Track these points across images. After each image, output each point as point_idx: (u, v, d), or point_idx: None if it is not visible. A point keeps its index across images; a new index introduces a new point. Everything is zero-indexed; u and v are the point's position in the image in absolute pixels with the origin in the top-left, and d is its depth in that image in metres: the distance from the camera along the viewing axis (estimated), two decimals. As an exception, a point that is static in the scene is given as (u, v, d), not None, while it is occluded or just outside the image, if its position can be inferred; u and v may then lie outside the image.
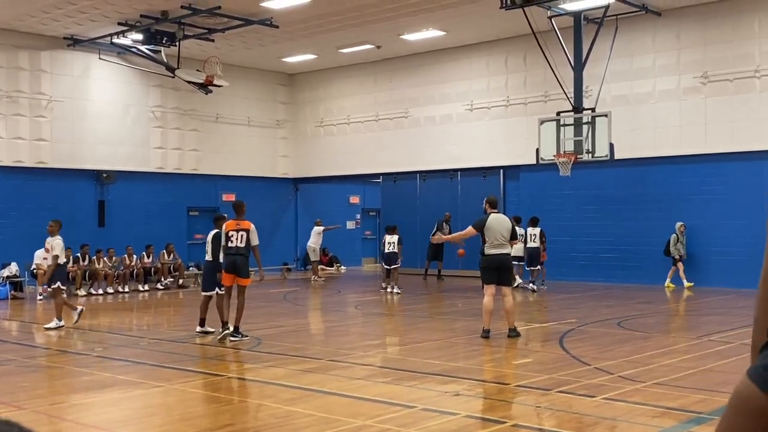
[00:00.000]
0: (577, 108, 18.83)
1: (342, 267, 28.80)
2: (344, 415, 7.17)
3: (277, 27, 20.92)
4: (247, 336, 11.65)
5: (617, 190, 21.51)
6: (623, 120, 19.60)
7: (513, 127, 23.06)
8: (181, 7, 19.40)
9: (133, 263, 21.64)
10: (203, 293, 12.66)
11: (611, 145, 18.13)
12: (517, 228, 13.13)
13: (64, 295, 13.85)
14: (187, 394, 8.40)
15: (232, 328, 11.76)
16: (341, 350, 11.02)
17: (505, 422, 6.84)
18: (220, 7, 19.34)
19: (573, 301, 17.31)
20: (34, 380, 9.00)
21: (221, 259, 12.02)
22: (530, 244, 19.62)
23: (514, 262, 16.37)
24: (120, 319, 15.91)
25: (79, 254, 20.44)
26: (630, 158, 20.15)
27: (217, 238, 12.33)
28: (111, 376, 9.29)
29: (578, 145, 18.43)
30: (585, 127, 18.48)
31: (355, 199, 31.60)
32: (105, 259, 20.92)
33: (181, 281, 22.45)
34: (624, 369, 9.11)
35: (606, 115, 18.25)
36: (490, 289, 11.59)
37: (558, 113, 18.98)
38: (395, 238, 19.92)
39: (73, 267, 19.98)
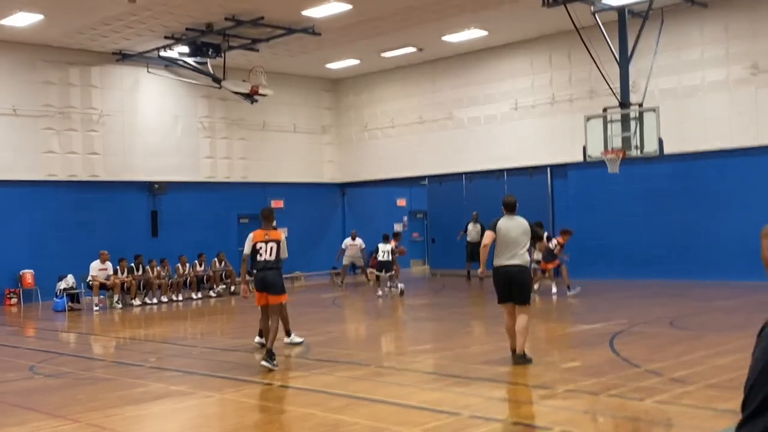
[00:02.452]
0: (624, 103, 18.57)
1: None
2: (392, 423, 7.21)
3: (319, 34, 21.09)
4: (276, 366, 10.00)
5: (667, 185, 21.16)
6: (672, 114, 19.28)
7: (559, 124, 22.85)
8: (225, 18, 19.70)
9: (185, 272, 22.01)
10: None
11: (660, 140, 17.83)
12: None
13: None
14: (238, 404, 8.53)
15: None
16: (390, 356, 11.07)
17: (553, 428, 6.80)
18: (263, 18, 19.58)
19: (624, 301, 17.09)
20: (89, 392, 9.23)
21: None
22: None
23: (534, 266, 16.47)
24: (174, 328, 16.20)
25: (133, 264, 20.86)
26: (679, 153, 19.82)
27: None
28: (164, 386, 9.47)
29: (626, 141, 18.17)
30: (633, 123, 18.22)
31: (401, 202, 31.65)
32: (158, 268, 21.33)
33: (233, 288, 22.75)
34: (675, 370, 8.97)
35: (654, 110, 17.96)
36: (506, 308, 9.87)
37: (604, 109, 18.74)
38: (389, 246, 20.33)
39: (128, 277, 20.43)
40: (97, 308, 19.38)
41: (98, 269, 19.85)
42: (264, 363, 9.92)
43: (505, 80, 24.21)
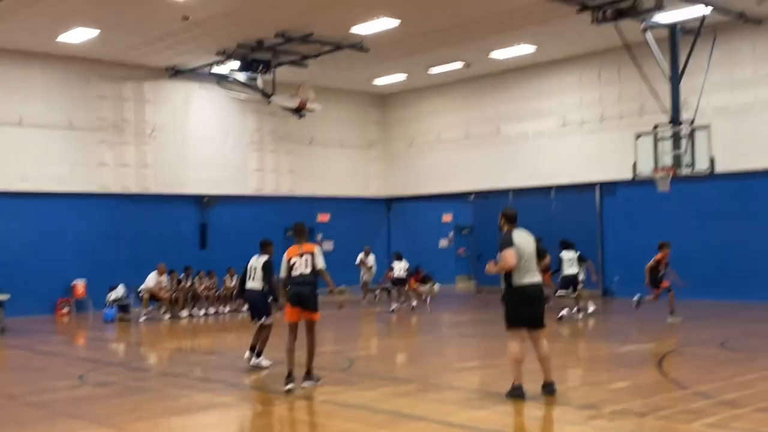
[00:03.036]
0: (675, 121, 18.33)
1: (436, 284, 28.76)
2: (434, 440, 7.17)
3: (367, 50, 21.23)
4: (320, 379, 9.93)
5: (719, 204, 20.75)
6: (724, 132, 18.93)
7: (608, 141, 22.61)
8: (276, 35, 19.96)
9: (233, 284, 22.22)
10: (260, 322, 11.71)
11: (711, 159, 17.55)
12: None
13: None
14: (282, 417, 8.58)
15: (301, 371, 10.02)
16: (433, 373, 11.02)
17: (598, 450, 6.69)
18: (312, 34, 19.79)
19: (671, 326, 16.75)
20: (136, 402, 9.37)
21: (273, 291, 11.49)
22: (568, 271, 17.70)
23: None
24: (219, 340, 16.37)
25: (182, 276, 21.14)
26: (731, 171, 19.44)
27: (268, 265, 11.53)
28: (209, 398, 9.57)
29: (677, 159, 17.93)
30: (684, 141, 17.97)
31: (447, 217, 31.59)
32: (206, 280, 21.59)
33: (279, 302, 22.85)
34: (725, 393, 8.77)
35: (706, 128, 17.70)
36: (519, 334, 8.89)
37: (655, 126, 18.51)
38: (404, 264, 21.30)
39: (177, 288, 20.71)
40: (144, 318, 19.65)
41: (154, 281, 20.17)
42: (306, 384, 9.70)
43: (554, 96, 24.06)
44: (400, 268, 21.29)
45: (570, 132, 23.73)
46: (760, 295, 19.40)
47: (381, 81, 26.30)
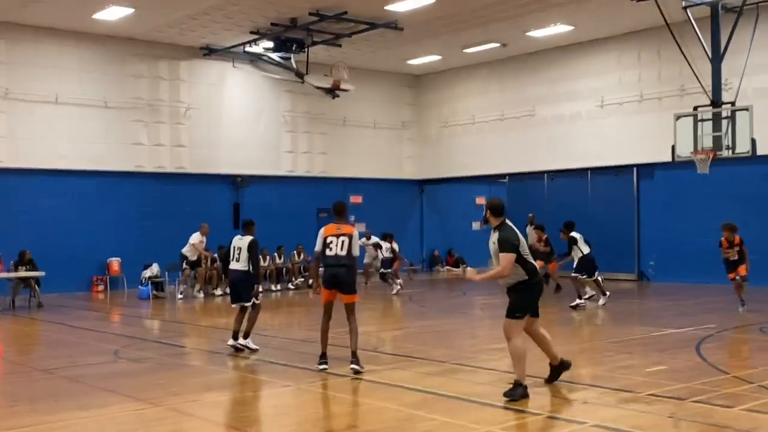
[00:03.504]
0: (716, 102, 17.93)
1: (468, 268, 28.62)
2: (468, 420, 7.10)
3: (401, 29, 21.06)
4: (363, 368, 9.40)
5: (760, 188, 20.33)
6: (765, 113, 18.49)
7: (647, 123, 22.23)
8: (310, 14, 19.87)
9: (265, 264, 22.30)
10: (247, 304, 11.21)
11: (753, 141, 17.16)
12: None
13: None
14: (314, 395, 8.56)
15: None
16: (466, 353, 10.93)
17: (636, 433, 6.57)
18: (346, 13, 19.67)
19: (713, 305, 16.49)
20: (170, 378, 9.41)
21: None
22: (585, 251, 16.67)
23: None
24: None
25: (216, 255, 21.22)
26: (774, 153, 18.98)
27: (254, 247, 11.08)
28: (242, 375, 9.58)
29: (717, 140, 17.56)
30: (724, 122, 17.58)
31: (480, 200, 31.32)
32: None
33: (311, 281, 22.91)
34: (765, 378, 8.57)
35: (747, 109, 17.28)
36: (522, 324, 8.24)
37: (695, 108, 18.14)
38: (392, 245, 21.46)
39: (211, 267, 20.82)
40: (181, 297, 19.80)
41: (198, 240, 20.21)
42: (353, 366, 9.35)
43: (591, 77, 23.69)
44: (386, 248, 21.35)
45: (608, 113, 23.37)
46: (800, 281, 19.01)
47: (415, 61, 26.10)
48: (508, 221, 8.35)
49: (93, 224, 21.80)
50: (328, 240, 9.67)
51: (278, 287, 22.13)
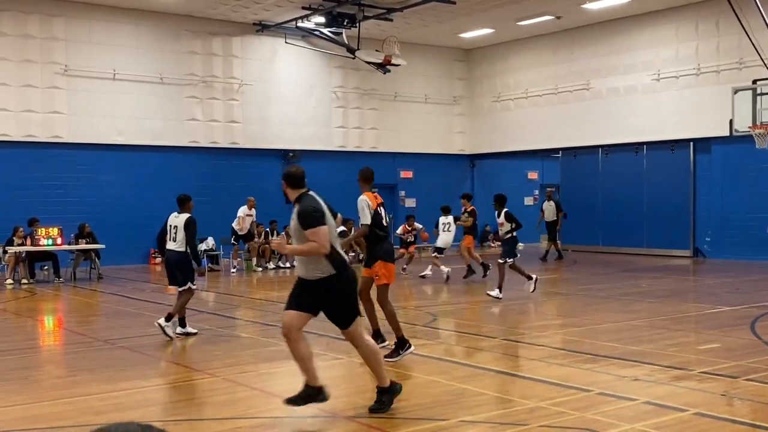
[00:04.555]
0: (776, 75, 17.45)
1: (519, 244, 28.45)
2: (517, 395, 7.16)
3: (454, 3, 20.90)
4: (400, 356, 8.66)
5: (822, 163, 19.79)
6: (830, 86, 17.91)
7: (704, 97, 21.76)
8: (361, -12, 19.85)
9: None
10: (180, 288, 10.47)
11: (814, 115, 16.69)
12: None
13: None
14: (366, 368, 8.68)
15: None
16: (517, 329, 10.95)
17: (687, 410, 6.54)
18: (398, -13, 19.59)
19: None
20: (226, 349, 9.65)
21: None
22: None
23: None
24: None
25: (268, 229, 21.54)
26: (837, 128, 18.42)
27: (190, 225, 10.53)
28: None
29: (777, 115, 17.10)
30: (785, 96, 17.11)
31: (533, 175, 31.09)
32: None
33: (362, 256, 23.08)
34: (824, 358, 8.43)
35: (809, 82, 16.80)
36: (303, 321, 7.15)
37: (754, 81, 17.66)
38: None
39: (264, 241, 21.14)
40: (234, 270, 20.16)
41: (245, 214, 20.54)
42: (397, 356, 8.79)
43: (648, 49, 23.24)
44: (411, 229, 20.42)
45: (664, 87, 22.92)
46: None
47: (467, 35, 25.90)
48: (311, 192, 7.08)
49: (150, 198, 22.24)
50: (380, 210, 8.89)
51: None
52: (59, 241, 18.24)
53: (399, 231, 20.09)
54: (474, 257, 18.07)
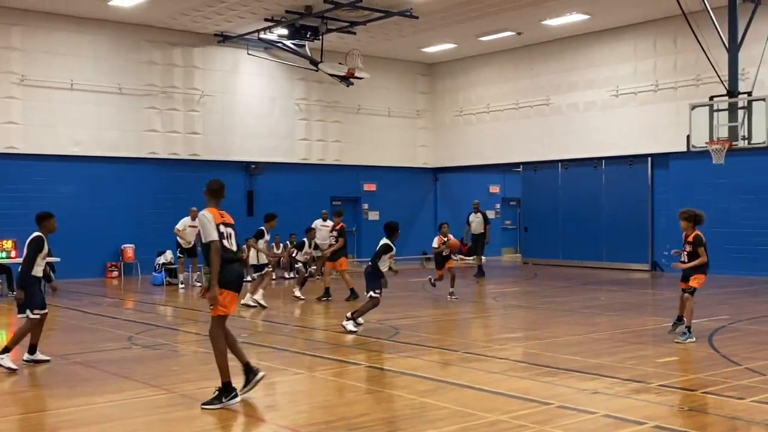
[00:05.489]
0: (732, 92, 17.79)
1: (482, 257, 28.59)
2: (479, 409, 7.13)
3: (416, 17, 21.00)
4: (222, 404, 7.40)
5: (776, 179, 20.20)
6: (783, 104, 18.29)
7: (662, 112, 22.11)
8: (324, 1, 19.84)
9: (279, 251, 22.38)
10: (31, 316, 9.34)
11: (769, 131, 17.02)
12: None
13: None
14: (327, 382, 8.61)
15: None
16: (478, 343, 10.96)
17: (646, 423, 6.58)
18: (361, 0, 19.61)
19: (726, 297, 16.42)
20: (183, 364, 9.50)
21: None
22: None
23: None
24: (267, 305, 16.47)
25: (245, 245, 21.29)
26: (791, 144, 18.83)
27: (31, 245, 9.57)
28: (255, 362, 9.58)
29: (733, 131, 17.43)
30: (741, 112, 17.44)
31: (494, 189, 31.31)
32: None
33: (323, 269, 22.96)
34: (779, 371, 8.56)
35: (764, 99, 17.13)
36: None
37: (711, 97, 18.01)
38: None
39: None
40: (183, 286, 19.86)
41: (188, 225, 19.84)
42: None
43: (607, 66, 23.57)
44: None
45: (623, 103, 23.25)
46: (816, 273, 18.91)
47: (430, 49, 26.03)
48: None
49: (107, 211, 21.94)
50: (221, 229, 7.55)
51: (291, 274, 22.18)
52: (13, 254, 17.86)
53: (435, 244, 17.12)
54: (347, 279, 16.49)
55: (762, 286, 18.01)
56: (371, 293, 11.95)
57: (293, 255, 21.23)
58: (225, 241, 7.50)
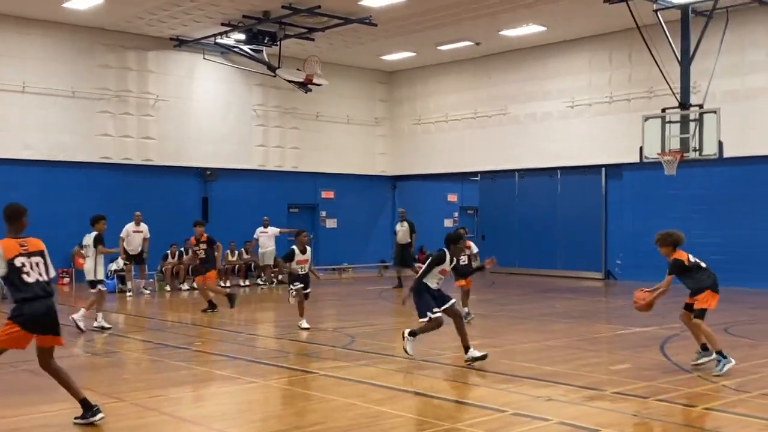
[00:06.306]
0: (684, 104, 18.14)
1: (409, 268, 28.64)
2: (434, 417, 7.11)
3: (375, 25, 21.01)
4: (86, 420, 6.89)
5: (726, 190, 20.62)
6: (733, 117, 18.73)
7: (616, 124, 22.43)
8: (282, 7, 19.74)
9: (234, 259, 22.16)
10: None
11: (720, 143, 17.38)
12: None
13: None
14: (281, 391, 8.51)
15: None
16: (433, 350, 10.93)
17: (600, 430, 6.62)
18: (319, 7, 19.56)
19: (677, 305, 16.55)
20: (135, 373, 9.32)
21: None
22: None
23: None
24: (219, 314, 16.28)
25: (183, 249, 21.06)
26: (740, 156, 19.29)
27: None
28: (208, 370, 9.51)
29: (685, 142, 17.76)
30: (692, 124, 17.79)
31: (452, 197, 31.42)
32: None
33: (280, 277, 22.83)
34: (729, 378, 8.68)
35: (715, 112, 17.51)
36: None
37: (663, 110, 18.35)
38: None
39: (177, 261, 20.63)
40: (130, 294, 19.38)
41: (132, 231, 19.47)
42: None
43: (563, 77, 23.84)
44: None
45: (578, 114, 23.54)
46: (762, 283, 19.30)
47: (389, 57, 26.07)
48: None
49: (58, 216, 21.44)
50: (17, 262, 6.77)
51: (246, 282, 21.97)
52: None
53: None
54: (215, 290, 15.82)
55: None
56: (428, 315, 9.74)
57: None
58: (25, 276, 6.69)
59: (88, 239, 13.33)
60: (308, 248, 12.90)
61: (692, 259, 9.56)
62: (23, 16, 20.78)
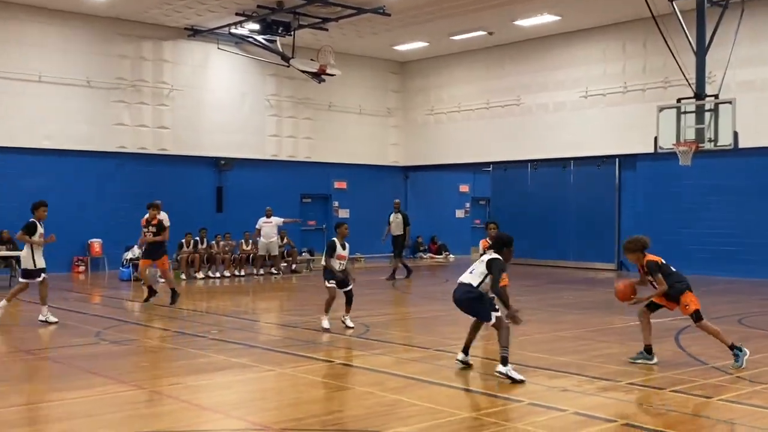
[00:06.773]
0: (700, 94, 18.03)
1: (450, 255, 28.74)
2: (450, 406, 7.17)
3: (389, 15, 21.01)
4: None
5: (741, 181, 20.55)
6: (749, 107, 18.66)
7: (630, 114, 22.36)
8: (296, -4, 19.77)
9: (248, 248, 22.28)
10: None
11: (735, 134, 17.27)
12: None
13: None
14: (298, 379, 8.59)
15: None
16: (448, 340, 10.99)
17: (616, 421, 6.67)
18: (333, -4, 19.59)
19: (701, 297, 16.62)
20: (153, 361, 9.43)
21: None
22: None
23: None
24: (236, 303, 16.42)
25: (198, 238, 21.20)
26: (756, 147, 19.20)
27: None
28: (225, 358, 9.60)
29: (700, 133, 17.67)
30: (707, 115, 17.68)
31: (464, 188, 31.45)
32: (222, 243, 21.63)
33: (294, 266, 22.97)
34: (744, 369, 8.70)
35: (730, 102, 17.39)
36: None
37: (678, 100, 18.23)
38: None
39: (192, 250, 20.76)
40: (162, 279, 19.67)
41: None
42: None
43: (577, 67, 23.77)
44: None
45: (592, 104, 23.48)
46: (778, 274, 19.27)
47: (402, 47, 26.07)
48: None
49: (75, 205, 21.65)
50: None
51: (261, 272, 22.09)
52: (-22, 246, 17.55)
53: (480, 248, 14.77)
54: (169, 279, 15.75)
55: (726, 285, 18.31)
56: (494, 318, 8.63)
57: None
58: None
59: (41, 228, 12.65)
60: (347, 244, 11.92)
61: (662, 261, 9.60)
62: (40, 6, 20.90)
